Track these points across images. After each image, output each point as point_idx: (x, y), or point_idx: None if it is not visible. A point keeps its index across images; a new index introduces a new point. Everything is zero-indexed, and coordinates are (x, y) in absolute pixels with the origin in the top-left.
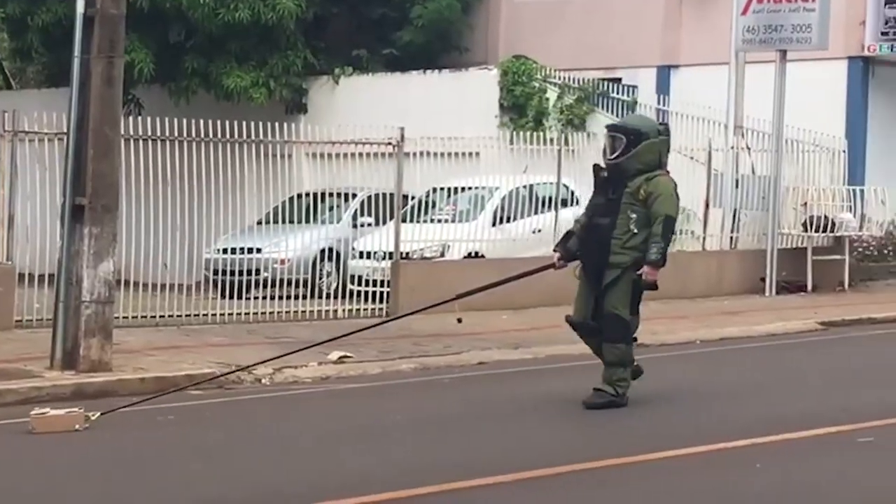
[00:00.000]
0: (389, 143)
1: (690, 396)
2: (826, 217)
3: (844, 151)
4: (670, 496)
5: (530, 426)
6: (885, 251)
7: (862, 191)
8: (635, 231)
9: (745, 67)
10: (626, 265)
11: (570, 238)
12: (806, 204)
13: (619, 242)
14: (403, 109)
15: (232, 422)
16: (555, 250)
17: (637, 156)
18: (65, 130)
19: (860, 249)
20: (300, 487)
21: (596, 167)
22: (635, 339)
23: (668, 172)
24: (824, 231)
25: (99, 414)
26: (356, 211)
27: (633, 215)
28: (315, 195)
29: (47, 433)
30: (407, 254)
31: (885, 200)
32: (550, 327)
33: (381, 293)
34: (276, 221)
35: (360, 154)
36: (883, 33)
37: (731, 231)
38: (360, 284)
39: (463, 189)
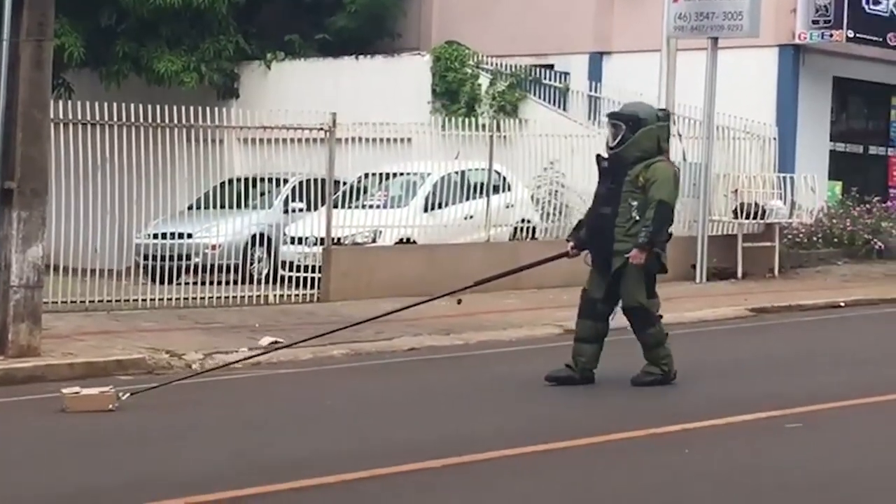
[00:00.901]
0: (321, 129)
1: (620, 383)
2: (756, 204)
3: (775, 139)
4: (599, 481)
5: (457, 412)
6: (815, 238)
7: (792, 178)
8: (637, 218)
9: (677, 54)
10: (630, 252)
11: (581, 228)
12: (737, 191)
13: (622, 230)
14: (336, 95)
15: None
16: (568, 239)
17: (636, 143)
18: None
19: (790, 237)
20: (229, 472)
21: (598, 157)
22: (660, 316)
23: (668, 158)
24: (755, 218)
25: (129, 394)
26: (287, 196)
27: (634, 203)
28: (246, 180)
29: (80, 412)
30: (338, 239)
31: (814, 188)
32: (482, 313)
33: (313, 279)
34: (207, 207)
35: (292, 139)
36: (814, 21)
37: None
38: (291, 270)
39: (395, 175)
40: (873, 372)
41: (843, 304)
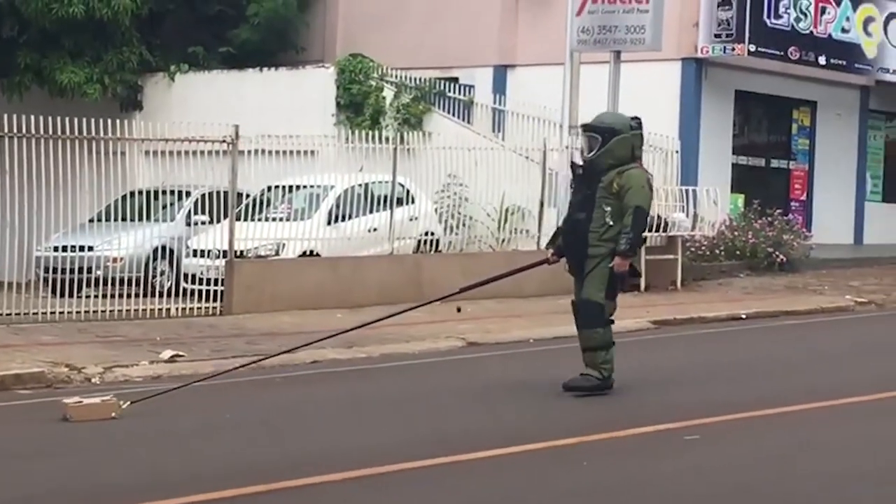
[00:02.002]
0: (224, 141)
1: (519, 395)
2: (659, 217)
3: (677, 152)
4: (494, 494)
5: (355, 425)
6: (717, 251)
7: (695, 191)
8: (611, 223)
9: (581, 68)
10: (603, 256)
11: (559, 236)
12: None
13: (595, 235)
14: (240, 107)
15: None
16: (547, 247)
17: (609, 151)
18: None
19: (693, 249)
20: (127, 484)
21: (573, 164)
22: (612, 321)
23: (641, 165)
24: (657, 231)
25: (129, 402)
26: (190, 209)
27: (608, 208)
28: (149, 193)
29: (83, 421)
30: (241, 252)
31: (716, 201)
32: (385, 326)
33: (216, 292)
34: (109, 219)
35: (195, 152)
36: (716, 35)
37: None
38: (193, 283)
39: (298, 187)
40: (772, 384)
41: (744, 316)
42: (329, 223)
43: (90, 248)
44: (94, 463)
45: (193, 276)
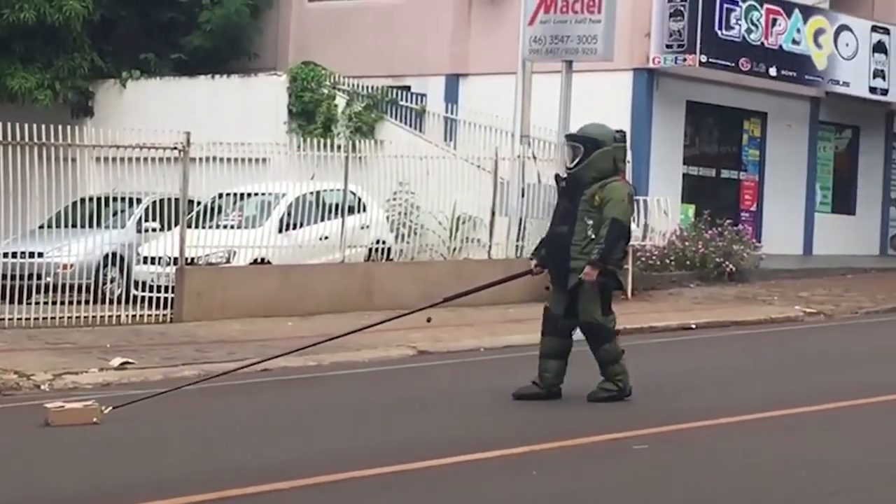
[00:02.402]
0: (175, 148)
1: (468, 404)
2: None
3: (629, 162)
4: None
5: (308, 433)
6: (668, 261)
7: (646, 201)
8: (592, 237)
9: (533, 77)
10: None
11: (543, 247)
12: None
13: (577, 248)
14: (191, 114)
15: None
16: (531, 258)
17: (591, 164)
18: None
19: (643, 259)
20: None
21: (556, 176)
22: (618, 332)
23: (624, 178)
24: None
25: (111, 408)
26: (141, 216)
27: (590, 221)
28: (100, 199)
29: (65, 426)
30: (192, 259)
31: (667, 211)
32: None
33: (166, 299)
34: (59, 226)
35: (147, 158)
36: (667, 46)
37: (518, 239)
38: (144, 290)
39: (250, 195)
40: (721, 394)
41: (694, 326)
42: (280, 231)
43: (40, 255)
44: (58, 468)
45: (144, 283)
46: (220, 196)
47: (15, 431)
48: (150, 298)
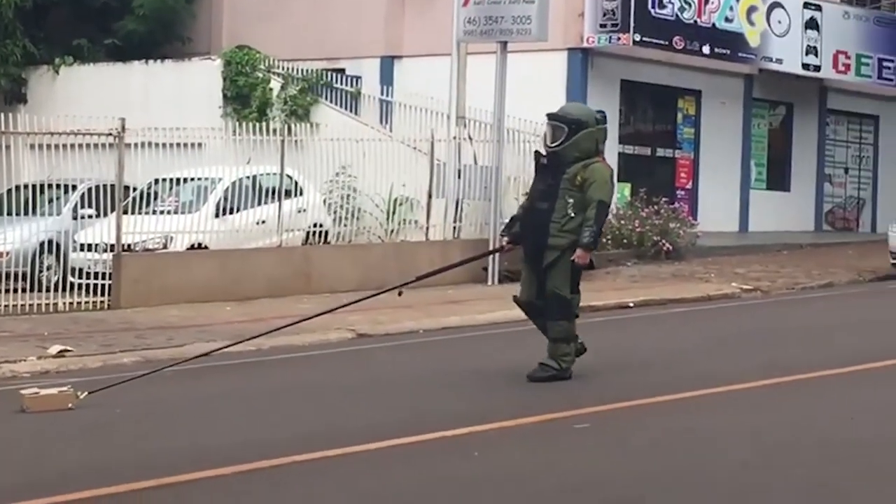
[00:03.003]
0: (110, 134)
1: (408, 386)
2: None
3: None
4: (377, 487)
5: (248, 418)
6: (604, 240)
7: None
8: (572, 215)
9: (468, 58)
10: (564, 247)
11: (516, 223)
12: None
13: (556, 226)
14: (126, 100)
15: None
16: (502, 234)
17: (575, 144)
18: None
19: None
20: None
21: (537, 154)
22: (577, 315)
23: (604, 159)
24: None
25: (87, 393)
26: (77, 203)
27: (571, 200)
28: (35, 187)
29: (41, 412)
30: (129, 245)
31: None
32: (274, 318)
33: (103, 286)
34: None
35: (81, 145)
36: (601, 25)
37: (455, 221)
38: (81, 277)
39: (186, 180)
40: (660, 372)
41: (632, 304)
42: (217, 216)
43: None
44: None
45: (81, 270)
46: (156, 182)
47: None
48: (88, 285)
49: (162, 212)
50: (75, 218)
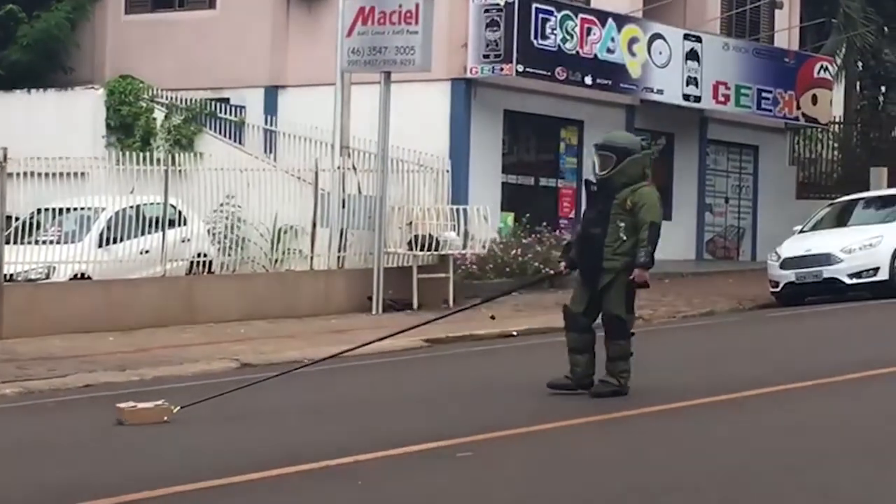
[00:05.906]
0: None
1: (291, 416)
2: (431, 236)
3: (448, 171)
4: None
5: (123, 451)
6: (487, 268)
7: (465, 209)
8: (624, 238)
9: (352, 88)
10: (618, 269)
11: (571, 248)
12: (411, 223)
13: (610, 249)
14: (8, 129)
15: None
16: (559, 260)
17: (623, 171)
18: None
19: (463, 267)
20: None
21: (587, 182)
22: (633, 334)
23: (651, 183)
24: (429, 249)
25: (179, 407)
26: None
27: (622, 224)
28: None
29: (138, 424)
30: (11, 276)
31: (487, 217)
32: (157, 349)
33: None
34: None
35: None
36: (484, 56)
37: (339, 250)
38: None
39: (69, 210)
40: (540, 401)
41: (515, 333)
42: (100, 245)
43: None
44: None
45: None
46: (39, 211)
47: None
48: None
49: (45, 242)
50: None
